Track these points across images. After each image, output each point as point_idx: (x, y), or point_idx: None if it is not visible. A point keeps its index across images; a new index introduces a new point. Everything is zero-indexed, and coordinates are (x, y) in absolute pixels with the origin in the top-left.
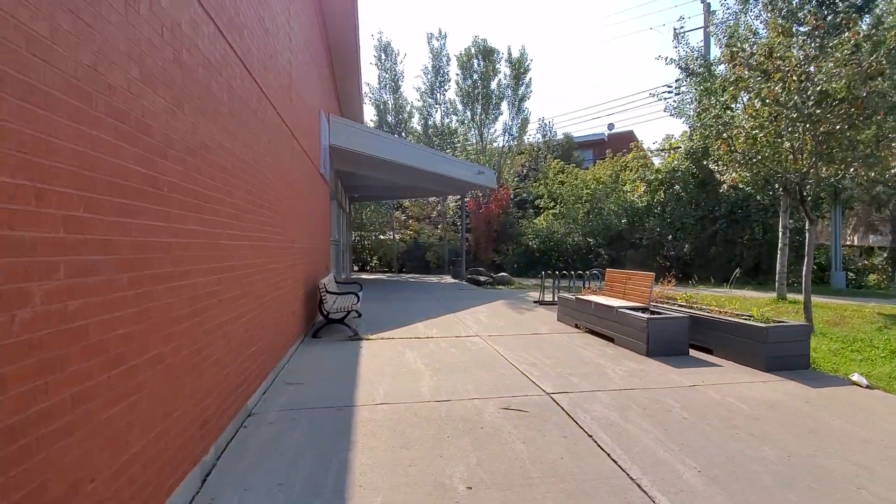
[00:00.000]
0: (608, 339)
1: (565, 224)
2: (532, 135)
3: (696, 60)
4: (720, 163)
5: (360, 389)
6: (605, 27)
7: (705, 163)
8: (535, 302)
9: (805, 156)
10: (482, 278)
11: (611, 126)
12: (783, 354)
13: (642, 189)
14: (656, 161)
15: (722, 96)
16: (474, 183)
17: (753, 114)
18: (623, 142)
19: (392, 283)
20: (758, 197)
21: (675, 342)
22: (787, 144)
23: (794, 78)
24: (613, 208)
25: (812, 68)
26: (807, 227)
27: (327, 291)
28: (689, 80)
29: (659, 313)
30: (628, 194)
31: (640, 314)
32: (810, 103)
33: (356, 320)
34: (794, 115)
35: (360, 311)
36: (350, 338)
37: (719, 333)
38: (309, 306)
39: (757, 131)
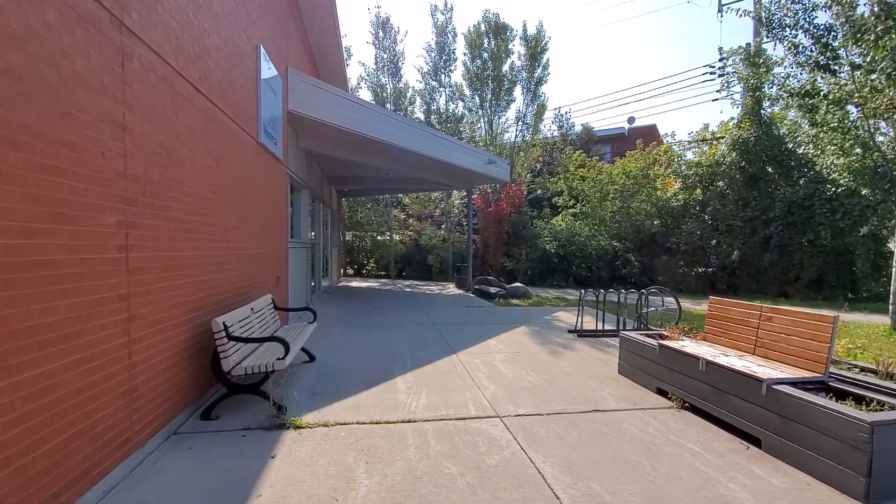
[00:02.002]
0: (739, 434)
1: (590, 225)
2: (547, 126)
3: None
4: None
5: None
6: (623, 3)
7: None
8: (570, 332)
9: None
10: (493, 290)
11: (631, 120)
12: None
13: (676, 185)
14: (689, 155)
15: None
16: (484, 174)
17: None
18: (645, 137)
19: (383, 295)
20: (864, 192)
21: None
22: None
23: None
24: (646, 207)
25: None
26: None
27: (229, 337)
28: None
29: (859, 394)
30: (658, 191)
31: (842, 409)
32: None
33: (304, 370)
34: None
35: (312, 353)
36: (273, 420)
37: None
38: (202, 361)
39: None
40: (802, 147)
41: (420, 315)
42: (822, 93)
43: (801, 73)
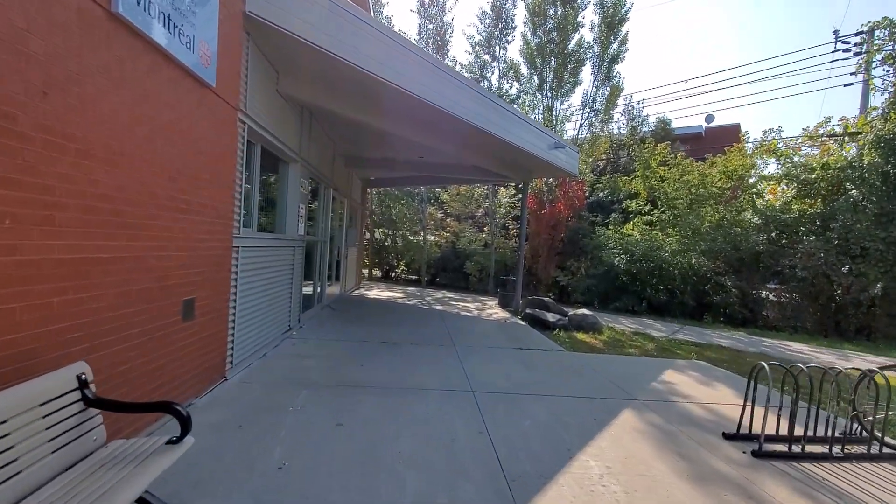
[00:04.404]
0: None
1: (679, 238)
2: (614, 118)
3: None
4: None
5: None
6: None
7: None
8: (729, 438)
9: None
10: (550, 317)
11: (710, 118)
12: None
13: (781, 192)
14: (796, 159)
15: None
16: (546, 162)
17: None
18: (726, 137)
19: (404, 315)
20: None
21: None
22: None
23: None
24: (751, 218)
25: None
26: None
27: None
28: None
29: None
30: (759, 199)
31: None
32: None
33: None
34: None
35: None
36: None
37: None
38: None
39: None
40: None
41: (450, 364)
42: None
43: None
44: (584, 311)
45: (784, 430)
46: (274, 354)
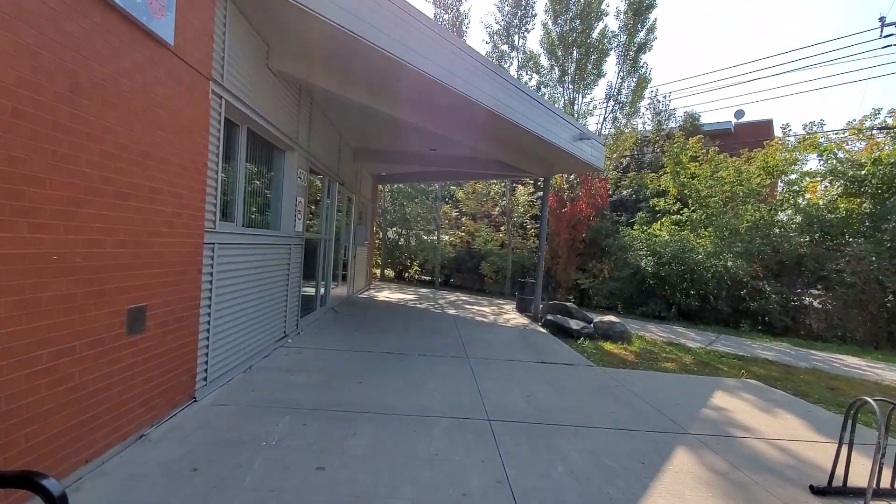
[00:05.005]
0: None
1: (713, 239)
2: (641, 112)
3: None
4: None
5: None
6: None
7: None
8: (818, 492)
9: None
10: (574, 324)
11: (739, 113)
12: None
13: (832, 189)
14: (840, 154)
15: None
16: (570, 154)
17: None
18: (757, 134)
19: (413, 320)
20: None
21: None
22: None
23: None
24: (794, 217)
25: None
26: None
27: None
28: None
29: None
30: (798, 197)
31: None
32: None
33: None
34: None
35: None
36: None
37: None
38: None
39: None
40: None
41: (462, 382)
42: None
43: None
44: (612, 317)
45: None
46: (261, 367)
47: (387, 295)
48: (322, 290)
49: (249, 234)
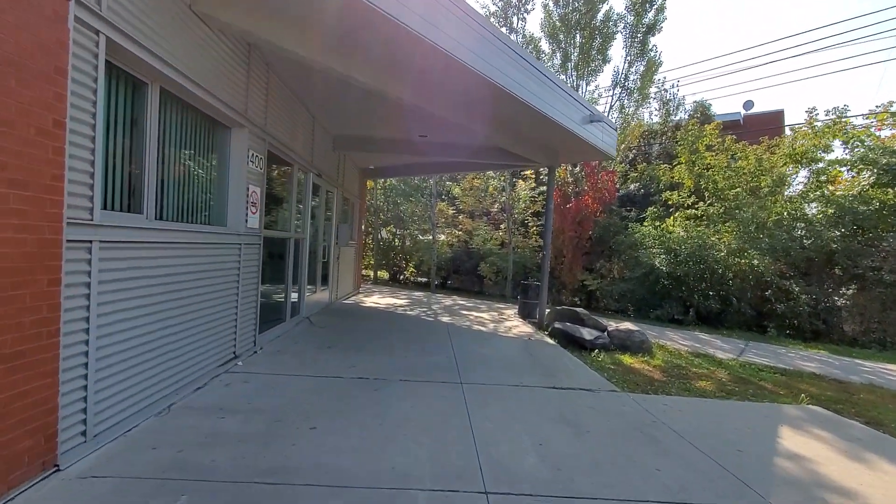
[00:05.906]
0: None
1: (737, 234)
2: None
3: None
4: None
5: None
6: None
7: None
8: None
9: None
10: (586, 333)
11: (748, 104)
12: None
13: (859, 179)
14: (868, 141)
15: None
16: (580, 138)
17: None
18: (767, 125)
19: (401, 331)
20: None
21: None
22: None
23: None
24: (825, 210)
25: None
26: None
27: None
28: None
29: None
30: (824, 187)
31: None
32: None
33: None
34: None
35: None
36: None
37: None
38: None
39: None
40: None
41: (453, 423)
42: None
43: None
44: (629, 325)
45: None
46: (186, 405)
47: (376, 300)
48: (294, 298)
49: (169, 231)
